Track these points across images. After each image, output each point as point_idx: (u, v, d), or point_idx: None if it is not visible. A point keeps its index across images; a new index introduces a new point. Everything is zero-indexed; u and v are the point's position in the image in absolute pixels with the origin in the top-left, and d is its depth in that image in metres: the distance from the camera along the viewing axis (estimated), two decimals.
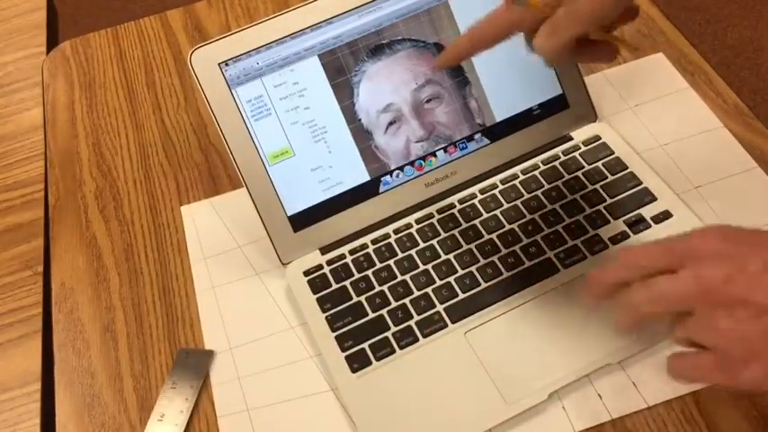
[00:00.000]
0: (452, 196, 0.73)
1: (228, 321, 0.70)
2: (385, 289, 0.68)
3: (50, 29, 1.01)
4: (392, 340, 0.65)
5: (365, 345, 0.65)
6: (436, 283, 0.68)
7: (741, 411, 0.60)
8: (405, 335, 0.65)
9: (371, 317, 0.66)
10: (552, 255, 0.68)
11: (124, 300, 0.73)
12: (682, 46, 0.84)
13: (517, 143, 0.75)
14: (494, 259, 0.68)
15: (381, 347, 0.65)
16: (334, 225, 0.71)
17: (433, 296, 0.67)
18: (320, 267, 0.70)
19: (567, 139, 0.76)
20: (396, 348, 0.65)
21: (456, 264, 0.68)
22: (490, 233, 0.70)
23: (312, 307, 0.68)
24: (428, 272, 0.68)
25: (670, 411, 0.61)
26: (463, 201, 0.73)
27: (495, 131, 0.74)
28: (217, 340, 0.69)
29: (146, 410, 0.65)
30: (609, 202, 0.71)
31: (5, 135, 0.89)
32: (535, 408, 0.61)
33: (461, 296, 0.67)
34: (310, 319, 0.67)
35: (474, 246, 0.69)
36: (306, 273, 0.70)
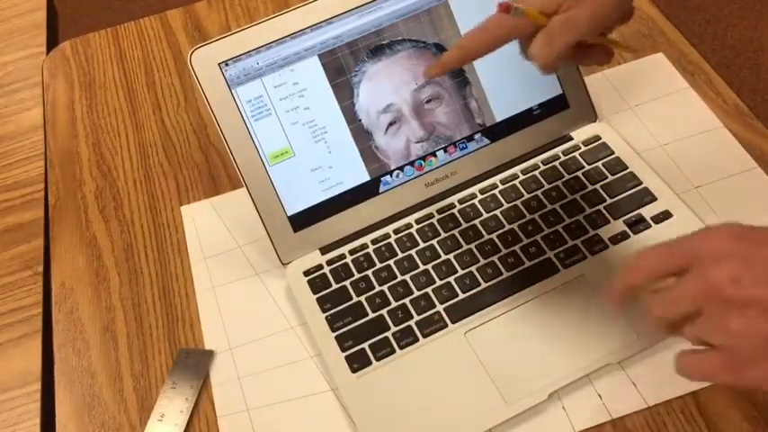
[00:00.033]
0: (452, 196, 0.73)
1: (228, 321, 0.70)
2: (385, 289, 0.68)
3: (50, 29, 1.01)
4: (392, 340, 0.65)
5: (365, 345, 0.65)
6: (436, 283, 0.68)
7: (741, 411, 0.60)
8: (405, 335, 0.65)
9: (371, 317, 0.66)
10: (552, 255, 0.68)
11: (124, 300, 0.73)
12: (682, 46, 0.84)
13: (517, 143, 0.75)
14: (494, 259, 0.68)
15: (381, 347, 0.65)
16: (334, 225, 0.71)
17: (433, 296, 0.67)
18: (320, 267, 0.70)
19: (567, 139, 0.76)
20: (396, 348, 0.65)
21: (456, 264, 0.68)
22: (490, 233, 0.70)
23: (312, 307, 0.68)
24: (428, 272, 0.68)
25: (670, 411, 0.61)
26: (463, 201, 0.73)
27: (495, 131, 0.74)
28: (217, 340, 0.69)
29: (146, 410, 0.65)
30: (609, 202, 0.71)
31: (5, 135, 0.89)
32: (535, 408, 0.61)
33: (461, 296, 0.67)
34: (310, 319, 0.67)
35: (474, 246, 0.69)
36: (306, 273, 0.70)
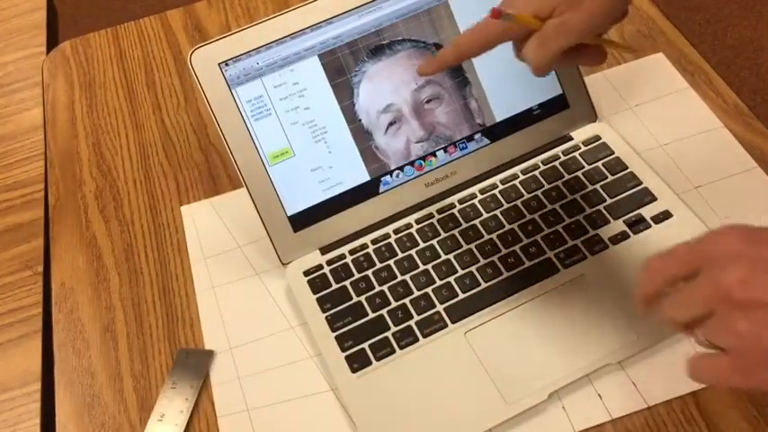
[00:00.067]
0: (452, 196, 0.73)
1: (228, 321, 0.70)
2: (385, 289, 0.68)
3: (50, 29, 1.01)
4: (392, 340, 0.65)
5: (365, 345, 0.65)
6: (436, 283, 0.68)
7: (741, 411, 0.60)
8: (405, 335, 0.65)
9: (371, 317, 0.66)
10: (552, 255, 0.68)
11: (124, 300, 0.73)
12: (682, 46, 0.84)
13: (517, 143, 0.75)
14: (494, 259, 0.68)
15: (381, 347, 0.65)
16: (334, 225, 0.71)
17: (433, 296, 0.67)
18: (320, 267, 0.70)
19: (567, 139, 0.76)
20: (396, 348, 0.65)
21: (456, 264, 0.68)
22: (490, 233, 0.70)
23: (312, 307, 0.68)
24: (428, 272, 0.68)
25: (670, 411, 0.61)
26: (463, 201, 0.73)
27: (495, 131, 0.74)
28: (217, 340, 0.69)
29: (146, 410, 0.65)
30: (609, 202, 0.71)
31: (5, 135, 0.89)
32: (535, 408, 0.61)
33: (461, 296, 0.67)
34: (310, 319, 0.67)
35: (474, 246, 0.69)
36: (306, 273, 0.70)
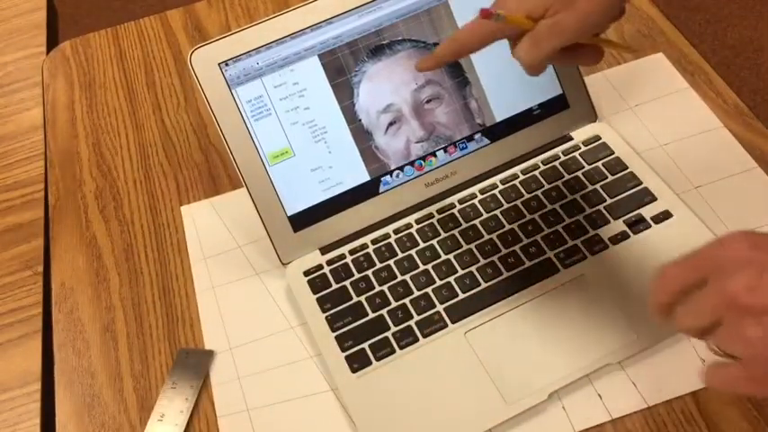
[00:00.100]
0: (452, 196, 0.73)
1: (228, 321, 0.70)
2: (385, 289, 0.68)
3: (50, 29, 1.01)
4: (392, 340, 0.65)
5: (365, 345, 0.65)
6: (436, 283, 0.68)
7: (741, 411, 0.60)
8: (405, 335, 0.65)
9: (371, 317, 0.66)
10: (552, 255, 0.68)
11: (124, 300, 0.73)
12: (682, 46, 0.84)
13: (517, 143, 0.75)
14: (494, 259, 0.68)
15: (381, 347, 0.65)
16: (334, 225, 0.71)
17: (433, 296, 0.67)
18: (320, 267, 0.70)
19: (567, 139, 0.76)
20: (396, 348, 0.65)
21: (456, 264, 0.68)
22: (490, 233, 0.70)
23: (312, 307, 0.68)
24: (428, 272, 0.68)
25: (670, 411, 0.61)
26: (463, 201, 0.73)
27: (495, 131, 0.74)
28: (217, 340, 0.69)
29: (146, 410, 0.65)
30: (609, 202, 0.71)
31: (5, 135, 0.89)
32: (535, 408, 0.61)
33: (461, 296, 0.67)
34: (310, 319, 0.67)
35: (474, 246, 0.69)
36: (306, 273, 0.70)
